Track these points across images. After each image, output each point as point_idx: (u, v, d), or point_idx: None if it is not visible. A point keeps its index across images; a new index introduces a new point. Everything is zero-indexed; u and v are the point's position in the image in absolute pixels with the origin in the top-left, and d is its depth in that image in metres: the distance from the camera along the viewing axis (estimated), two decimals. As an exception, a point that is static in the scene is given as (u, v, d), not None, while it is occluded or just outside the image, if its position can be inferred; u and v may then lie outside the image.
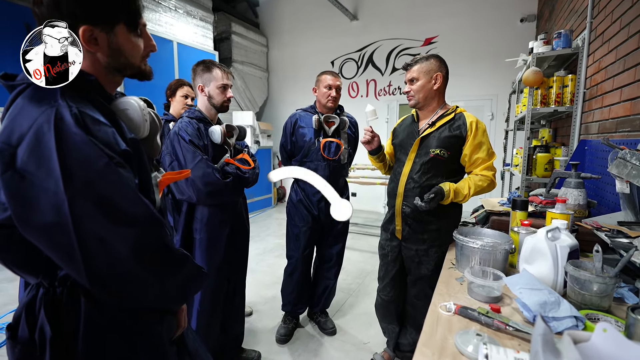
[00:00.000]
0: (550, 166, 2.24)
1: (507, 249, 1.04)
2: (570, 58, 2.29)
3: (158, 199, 0.73)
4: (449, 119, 1.40)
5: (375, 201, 5.40)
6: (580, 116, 2.06)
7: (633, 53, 1.43)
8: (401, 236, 1.50)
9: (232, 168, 1.46)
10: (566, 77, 2.13)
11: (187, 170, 0.87)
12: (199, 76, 1.47)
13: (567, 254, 0.91)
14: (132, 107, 0.68)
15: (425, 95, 1.41)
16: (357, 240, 3.99)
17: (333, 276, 2.08)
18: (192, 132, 1.40)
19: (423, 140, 1.42)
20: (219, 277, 1.52)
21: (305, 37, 5.77)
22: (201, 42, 4.64)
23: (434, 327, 0.77)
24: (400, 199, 1.47)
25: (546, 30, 3.26)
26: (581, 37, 2.11)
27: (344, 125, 1.89)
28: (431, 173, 1.40)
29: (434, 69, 1.40)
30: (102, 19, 0.61)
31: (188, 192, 1.38)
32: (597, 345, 0.50)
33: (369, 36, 5.26)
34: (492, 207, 1.58)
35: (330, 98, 1.85)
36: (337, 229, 2.01)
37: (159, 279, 0.63)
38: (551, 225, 0.97)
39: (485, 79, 4.51)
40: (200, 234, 1.45)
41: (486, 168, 1.38)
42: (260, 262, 3.27)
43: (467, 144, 1.37)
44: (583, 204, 1.31)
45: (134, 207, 0.58)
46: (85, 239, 0.53)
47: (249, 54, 5.74)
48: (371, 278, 2.89)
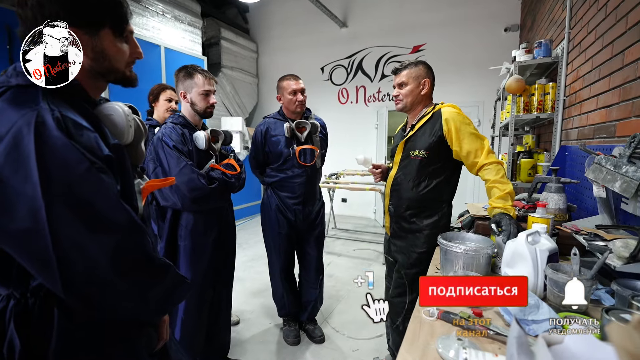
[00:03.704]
0: (533, 171, 2.30)
1: (489, 253, 1.06)
2: (551, 67, 2.37)
3: (141, 207, 0.72)
4: (427, 118, 1.42)
5: (366, 207, 5.42)
6: (561, 123, 2.12)
7: (607, 62, 1.50)
8: (389, 232, 1.58)
9: (218, 173, 1.45)
10: (547, 85, 2.21)
11: (171, 178, 0.86)
12: (181, 82, 1.47)
13: (547, 257, 0.93)
14: (116, 112, 0.68)
15: (413, 100, 1.45)
16: (348, 246, 3.99)
17: (317, 284, 2.08)
18: (176, 137, 1.39)
19: (407, 143, 1.47)
20: (204, 285, 1.50)
21: (295, 44, 5.82)
22: (189, 47, 4.63)
23: (416, 333, 0.78)
24: (387, 199, 1.55)
25: (528, 40, 3.37)
26: (560, 46, 2.19)
27: (315, 129, 1.90)
28: (412, 174, 1.44)
29: (422, 75, 1.43)
30: (86, 22, 0.61)
31: (172, 198, 1.36)
32: (571, 347, 0.52)
33: (359, 43, 5.34)
34: (477, 211, 1.61)
35: (298, 103, 1.83)
36: (313, 234, 2.01)
37: (139, 289, 0.61)
38: (531, 229, 1.00)
39: (471, 86, 4.61)
40: (185, 240, 1.44)
41: (486, 155, 1.33)
42: (248, 269, 3.24)
43: (452, 141, 1.36)
44: (563, 208, 1.35)
45: (114, 214, 0.57)
46: (62, 246, 0.52)
47: (239, 60, 5.74)
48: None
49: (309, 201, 1.95)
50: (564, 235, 1.17)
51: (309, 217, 1.95)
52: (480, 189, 4.46)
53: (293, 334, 2.02)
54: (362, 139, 5.30)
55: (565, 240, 1.15)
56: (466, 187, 4.52)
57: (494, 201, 1.26)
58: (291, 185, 1.88)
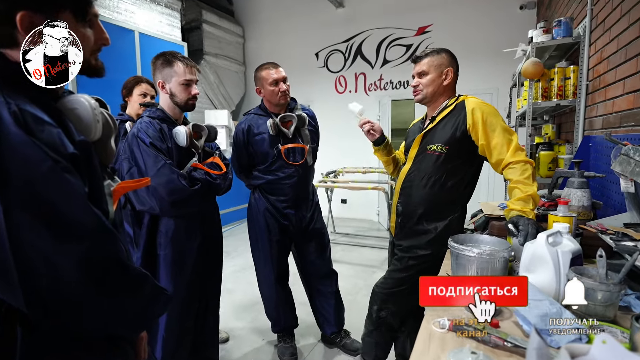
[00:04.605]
0: (554, 165, 2.31)
1: (505, 257, 1.07)
2: (572, 48, 2.38)
3: (111, 211, 0.72)
4: (450, 110, 1.44)
5: (368, 208, 5.43)
6: (584, 110, 2.14)
7: (634, 42, 1.50)
8: (394, 233, 1.60)
9: (201, 173, 1.45)
10: (568, 68, 2.22)
11: (146, 179, 0.86)
12: (158, 71, 1.46)
13: (570, 260, 0.93)
14: (81, 105, 0.68)
15: (434, 91, 1.46)
16: (349, 252, 4.00)
17: (333, 285, 2.08)
18: (153, 133, 1.38)
19: (425, 137, 1.48)
20: (187, 298, 1.50)
21: (286, 27, 5.80)
22: (167, 32, 4.61)
23: (426, 346, 0.78)
24: (397, 196, 1.55)
25: (546, 18, 3.38)
26: (582, 25, 2.20)
27: (303, 122, 1.87)
28: (428, 171, 1.45)
29: (445, 64, 1.45)
30: (43, 4, 0.60)
31: (149, 202, 1.36)
32: (597, 359, 0.52)
33: (357, 25, 5.34)
34: (491, 211, 1.61)
35: (281, 94, 1.81)
36: (313, 240, 2.00)
37: (112, 303, 0.61)
38: (552, 229, 1.00)
39: (483, 72, 4.63)
40: (165, 249, 1.43)
41: (514, 152, 1.32)
42: (238, 280, 3.23)
43: (478, 134, 1.36)
44: (587, 205, 1.36)
45: (82, 218, 0.57)
46: (24, 256, 0.52)
47: (223, 46, 5.72)
48: (363, 293, 2.90)
49: (302, 204, 1.95)
50: (589, 236, 1.17)
51: (303, 221, 1.95)
52: (496, 186, 4.47)
53: (289, 352, 2.01)
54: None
55: (590, 240, 1.16)
56: (480, 184, 4.51)
57: (512, 202, 1.26)
58: (281, 187, 1.87)
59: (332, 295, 2.08)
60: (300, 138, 1.89)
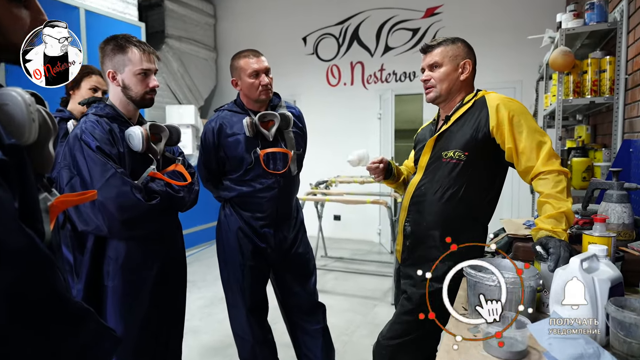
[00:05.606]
0: (589, 174, 2.36)
1: (533, 286, 1.08)
2: (607, 35, 2.46)
3: (48, 231, 0.71)
4: (467, 108, 1.45)
5: (367, 226, 5.45)
6: (623, 109, 2.20)
7: (679, 30, 1.57)
8: (400, 259, 1.60)
9: (160, 185, 1.45)
10: (603, 59, 2.29)
11: (92, 191, 0.86)
12: (108, 59, 1.45)
13: (608, 290, 0.95)
14: (13, 101, 0.67)
15: (450, 87, 1.48)
16: (343, 281, 3.99)
17: (320, 321, 2.06)
18: (100, 135, 1.37)
19: (439, 141, 1.49)
20: (142, 340, 1.48)
21: (267, 5, 5.87)
22: (120, 10, 4.61)
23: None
24: (404, 213, 1.56)
25: (577, 1, 3.49)
26: (619, 8, 2.28)
27: (287, 123, 1.88)
28: (443, 182, 1.45)
29: (462, 55, 1.47)
30: None
31: (95, 220, 1.34)
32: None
33: (353, 5, 5.43)
34: (515, 230, 1.63)
35: (262, 89, 1.82)
36: (296, 265, 2.00)
37: (46, 343, 0.61)
38: (587, 253, 1.02)
39: (504, 62, 4.74)
40: (114, 279, 1.42)
41: (546, 159, 1.32)
42: (206, 317, 3.20)
43: (504, 136, 1.37)
44: (629, 222, 1.39)
45: (11, 240, 0.56)
46: None
47: (189, 27, 5.74)
48: (362, 333, 2.88)
49: (283, 222, 1.95)
50: (631, 260, 1.20)
51: (284, 243, 1.95)
52: (520, 201, 4.54)
53: None
54: (360, 134, 5.35)
55: (632, 265, 1.18)
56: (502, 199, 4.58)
57: (542, 220, 1.27)
58: (257, 201, 1.86)
59: (319, 333, 2.06)
60: (283, 142, 1.89)
